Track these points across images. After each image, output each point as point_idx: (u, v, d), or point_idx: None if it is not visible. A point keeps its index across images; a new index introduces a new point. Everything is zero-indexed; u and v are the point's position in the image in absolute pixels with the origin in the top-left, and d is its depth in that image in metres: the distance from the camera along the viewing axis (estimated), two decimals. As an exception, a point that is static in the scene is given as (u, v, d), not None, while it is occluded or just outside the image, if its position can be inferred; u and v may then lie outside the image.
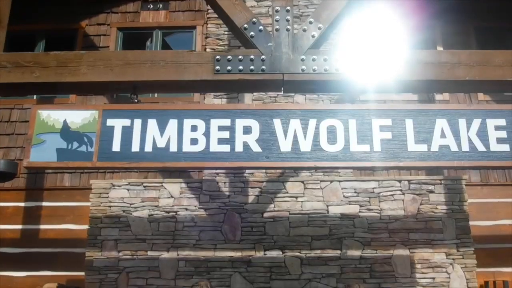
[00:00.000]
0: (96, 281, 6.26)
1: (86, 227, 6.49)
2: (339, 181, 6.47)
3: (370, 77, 4.64)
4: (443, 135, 4.60)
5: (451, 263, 6.25)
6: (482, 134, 4.61)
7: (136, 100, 4.68)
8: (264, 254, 6.22)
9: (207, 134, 4.61)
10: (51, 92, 4.92)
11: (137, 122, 4.56)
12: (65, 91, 5.04)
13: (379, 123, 4.57)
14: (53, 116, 4.59)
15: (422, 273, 6.21)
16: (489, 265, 6.56)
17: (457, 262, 6.25)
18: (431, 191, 6.47)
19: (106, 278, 6.27)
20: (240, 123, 4.57)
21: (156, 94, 7.29)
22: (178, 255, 6.28)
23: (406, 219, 6.34)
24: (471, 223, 6.44)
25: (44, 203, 7.13)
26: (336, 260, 6.20)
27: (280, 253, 6.23)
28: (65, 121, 4.58)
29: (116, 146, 4.62)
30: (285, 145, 4.58)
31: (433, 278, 6.20)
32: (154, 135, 4.62)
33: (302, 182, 6.46)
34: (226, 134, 4.63)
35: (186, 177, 6.86)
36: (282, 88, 4.77)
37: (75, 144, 4.90)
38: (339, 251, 6.23)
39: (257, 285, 6.14)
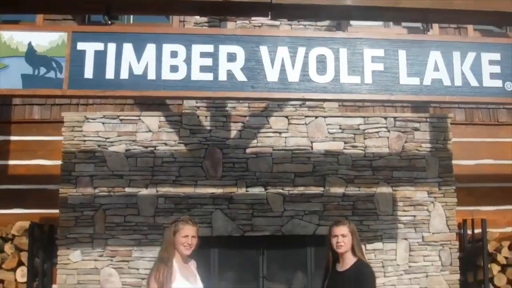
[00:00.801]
0: (71, 218, 6.00)
1: (58, 162, 6.15)
2: (324, 117, 6.24)
3: (364, 2, 4.34)
4: (436, 68, 4.39)
5: (432, 202, 6.22)
6: (476, 68, 4.42)
7: (109, 22, 4.28)
8: (246, 191, 6.05)
9: (188, 61, 4.27)
10: (12, 10, 4.42)
11: (111, 47, 4.19)
12: (29, 9, 4.54)
13: (371, 54, 4.33)
14: (17, 38, 4.18)
15: (404, 211, 6.17)
16: (468, 204, 6.57)
17: (438, 201, 6.23)
18: (416, 129, 6.32)
19: (81, 215, 6.02)
20: (224, 49, 4.24)
21: (131, 19, 6.81)
22: (157, 191, 6.05)
23: (390, 156, 6.21)
24: (453, 162, 6.37)
25: (13, 137, 6.71)
26: (319, 197, 6.08)
27: (263, 189, 6.06)
28: (30, 44, 4.18)
29: (88, 73, 4.25)
30: (272, 75, 4.29)
31: (414, 216, 6.18)
32: (131, 61, 4.26)
33: (286, 117, 6.21)
34: (208, 62, 4.30)
35: (165, 110, 6.52)
36: (270, 13, 4.43)
37: (43, 70, 4.48)
38: (322, 188, 6.10)
39: (239, 222, 6.00)
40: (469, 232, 6.48)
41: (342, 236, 3.31)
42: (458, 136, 6.63)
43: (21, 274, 5.85)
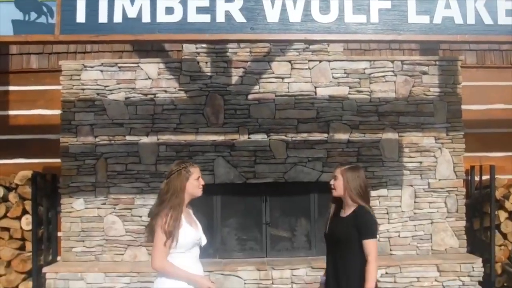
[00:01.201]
0: (73, 167, 6.00)
1: (58, 112, 6.08)
2: (329, 61, 6.03)
3: None
4: (447, 6, 4.17)
5: (440, 148, 6.10)
6: (490, 5, 4.20)
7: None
8: (249, 138, 5.96)
9: (184, 2, 4.09)
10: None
11: (104, -12, 4.03)
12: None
13: (378, -10, 4.13)
14: (4, -19, 4.00)
15: (410, 157, 6.07)
16: (476, 150, 6.43)
17: (446, 147, 6.10)
18: (425, 73, 6.11)
19: (83, 164, 6.00)
20: (222, -12, 4.05)
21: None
22: (158, 139, 5.98)
23: (397, 101, 6.05)
24: (463, 107, 6.19)
25: (11, 88, 6.63)
26: (323, 144, 5.98)
27: (265, 136, 5.97)
28: (19, -11, 4.00)
29: (80, 17, 4.09)
30: (272, 15, 4.10)
31: (421, 162, 6.08)
32: (124, 3, 4.10)
33: (289, 62, 6.01)
34: (205, 2, 4.11)
35: (164, 56, 6.35)
36: None
37: (33, 15, 4.34)
38: (326, 135, 5.99)
39: (241, 169, 5.95)
40: (477, 178, 6.38)
41: (334, 179, 3.20)
42: (468, 80, 6.40)
43: (26, 222, 5.91)
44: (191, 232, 3.04)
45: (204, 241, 3.20)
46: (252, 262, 5.75)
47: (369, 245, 3.02)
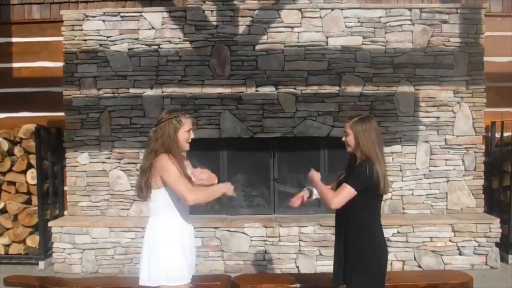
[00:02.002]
0: (77, 121, 5.91)
1: (62, 64, 5.94)
2: (341, 8, 5.71)
3: None
4: None
5: (459, 102, 5.81)
6: None
7: None
8: (256, 91, 5.76)
9: None
10: None
11: None
12: None
13: None
14: None
15: (426, 111, 5.80)
16: (498, 105, 6.11)
17: (465, 101, 5.81)
18: (445, 21, 5.75)
19: (87, 117, 5.91)
20: None
21: None
22: (162, 92, 5.82)
23: (414, 52, 5.73)
24: (485, 58, 5.85)
25: (14, 39, 6.52)
26: (334, 97, 5.74)
27: (273, 89, 5.75)
28: None
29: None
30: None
31: (438, 118, 5.81)
32: None
33: (299, 10, 5.71)
34: None
35: (168, 5, 6.10)
36: None
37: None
38: (337, 88, 5.74)
39: (248, 123, 5.77)
40: (498, 135, 6.10)
41: (345, 135, 2.95)
42: (492, 30, 6.02)
43: (31, 177, 5.87)
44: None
45: None
46: (259, 219, 5.64)
47: (343, 188, 2.79)
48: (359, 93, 5.76)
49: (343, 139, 2.97)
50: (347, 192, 2.76)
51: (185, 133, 2.85)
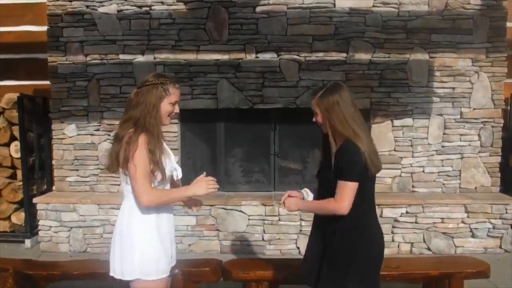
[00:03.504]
0: (63, 90, 5.55)
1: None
2: (351, -33, 5.25)
3: None
4: None
5: (477, 71, 5.39)
6: None
7: None
8: (256, 57, 5.36)
9: None
10: None
11: None
12: None
13: None
14: None
15: (441, 82, 5.39)
16: (519, 76, 5.67)
17: (484, 71, 5.39)
18: (465, -18, 5.28)
19: (74, 86, 5.56)
20: None
21: None
22: (154, 58, 5.44)
23: (429, 16, 5.28)
24: (508, 24, 5.39)
25: (-4, 1, 6.10)
26: (341, 65, 5.34)
27: (275, 55, 5.35)
28: None
29: None
30: None
31: (453, 88, 5.40)
32: None
33: (304, -32, 5.26)
34: None
35: (160, -38, 5.66)
36: None
37: None
38: (345, 54, 5.33)
39: (247, 93, 5.39)
40: (517, 108, 5.70)
41: (314, 114, 2.46)
42: (516, -8, 5.54)
43: (15, 150, 5.55)
44: (168, 163, 2.44)
45: (179, 174, 2.57)
46: (258, 196, 5.32)
47: (341, 186, 2.30)
48: (368, 61, 5.34)
49: (314, 119, 2.48)
50: (348, 189, 2.30)
51: (169, 105, 2.42)
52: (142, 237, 2.35)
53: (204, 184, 2.34)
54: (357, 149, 2.28)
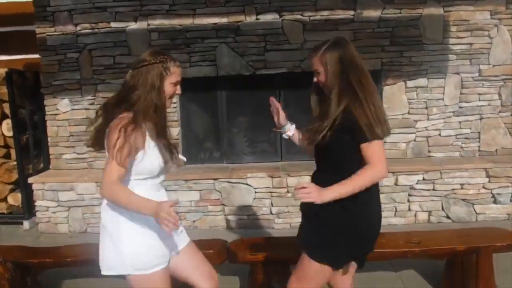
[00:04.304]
0: (53, 62, 5.16)
1: (36, -2, 5.11)
2: None
3: None
4: None
5: (496, 25, 4.91)
6: None
7: None
8: (257, 19, 4.90)
9: None
10: None
11: None
12: None
13: None
14: None
15: (457, 37, 4.91)
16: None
17: (504, 23, 4.92)
18: None
19: (65, 58, 5.16)
20: None
21: None
22: (148, 25, 5.00)
23: (443, -35, 4.76)
24: (531, -30, 4.86)
25: (-20, -31, 5.63)
26: (349, 24, 4.86)
27: (277, 16, 4.89)
28: None
29: None
30: None
31: (471, 44, 4.92)
32: None
33: None
34: None
35: None
36: None
37: None
38: (352, 12, 4.85)
39: (249, 58, 4.95)
40: (540, 63, 5.20)
41: (316, 74, 2.12)
42: None
43: (7, 128, 5.19)
44: (158, 155, 2.04)
45: (181, 161, 2.19)
46: (264, 167, 4.94)
47: (370, 148, 1.98)
48: (378, 18, 4.86)
49: (315, 80, 2.13)
50: (379, 147, 1.98)
51: (170, 86, 2.04)
52: (131, 233, 2.02)
53: (162, 216, 1.77)
54: (365, 110, 1.96)
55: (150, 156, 2.00)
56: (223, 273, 3.64)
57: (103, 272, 2.08)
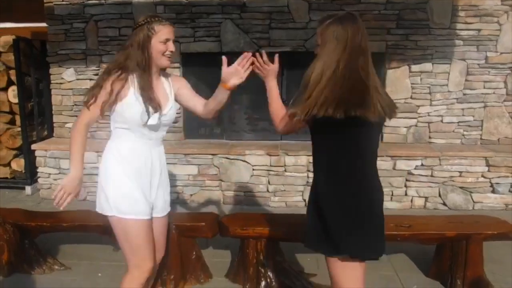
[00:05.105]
0: (60, 32, 5.08)
1: (42, -36, 5.01)
2: None
3: None
4: None
5: (507, 11, 4.71)
6: None
7: None
8: (262, -4, 4.76)
9: None
10: None
11: None
12: None
13: None
14: None
15: (466, 23, 4.73)
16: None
17: (514, 10, 4.70)
18: None
19: (71, 28, 5.08)
20: None
21: None
22: (155, -3, 4.88)
23: None
24: (543, -43, 4.64)
25: None
26: (355, 4, 4.71)
27: (283, -7, 4.74)
28: None
29: None
30: None
31: (479, 30, 4.74)
32: None
33: None
34: None
35: None
36: None
37: None
38: (360, -13, 4.68)
39: (253, 35, 4.83)
40: (548, 53, 5.01)
41: (316, 46, 1.97)
42: None
43: (13, 95, 5.15)
44: (138, 105, 2.08)
45: (151, 121, 2.13)
46: (263, 145, 4.85)
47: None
48: (385, 0, 4.68)
49: (315, 51, 1.97)
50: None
51: (160, 44, 2.11)
52: (114, 177, 2.16)
53: (58, 188, 2.10)
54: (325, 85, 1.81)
55: (132, 105, 2.08)
56: (216, 247, 3.63)
57: (97, 210, 2.20)
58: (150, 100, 2.12)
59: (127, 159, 2.15)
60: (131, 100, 2.08)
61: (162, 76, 2.27)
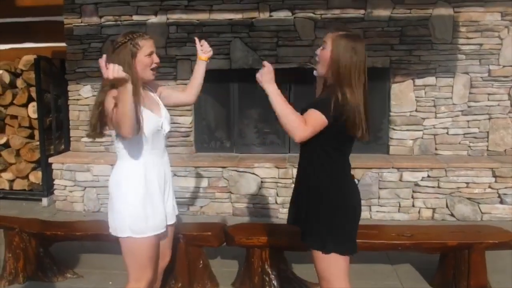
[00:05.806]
0: (78, 51, 5.21)
1: (64, -10, 5.16)
2: None
3: None
4: None
5: (507, 26, 4.70)
6: None
7: None
8: (270, 16, 4.83)
9: None
10: None
11: None
12: None
13: None
14: None
15: (467, 38, 4.73)
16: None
17: (515, 25, 4.69)
18: None
19: (89, 47, 5.20)
20: None
21: None
22: (167, 19, 4.99)
23: (454, -33, 4.59)
24: (543, -27, 4.63)
25: (15, -36, 5.74)
26: (359, 22, 4.74)
27: (289, 13, 4.80)
28: None
29: None
30: None
31: (480, 45, 4.74)
32: None
33: None
34: None
35: None
36: None
37: None
38: (363, 11, 4.73)
39: (261, 53, 4.89)
40: (551, 66, 4.96)
41: (321, 47, 2.08)
42: None
43: (33, 110, 5.27)
44: (152, 116, 2.17)
45: (166, 129, 2.27)
46: (271, 158, 4.87)
47: (309, 113, 2.00)
48: (388, 17, 4.73)
49: (317, 51, 2.10)
50: (314, 115, 1.99)
51: (145, 58, 2.14)
52: (128, 198, 2.13)
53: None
54: (346, 101, 1.92)
55: (146, 118, 2.10)
56: (224, 257, 3.63)
57: (110, 232, 2.19)
58: (159, 109, 2.27)
59: (143, 176, 2.15)
60: (144, 115, 2.10)
61: (144, 88, 2.27)
